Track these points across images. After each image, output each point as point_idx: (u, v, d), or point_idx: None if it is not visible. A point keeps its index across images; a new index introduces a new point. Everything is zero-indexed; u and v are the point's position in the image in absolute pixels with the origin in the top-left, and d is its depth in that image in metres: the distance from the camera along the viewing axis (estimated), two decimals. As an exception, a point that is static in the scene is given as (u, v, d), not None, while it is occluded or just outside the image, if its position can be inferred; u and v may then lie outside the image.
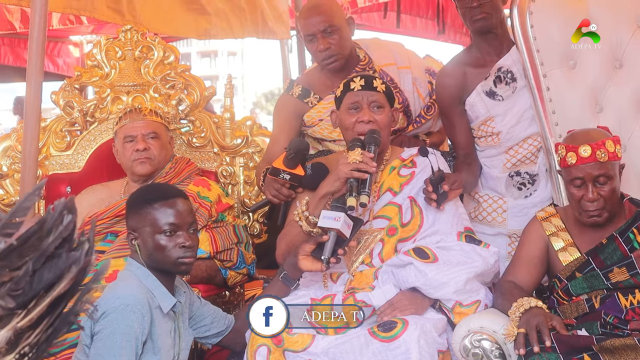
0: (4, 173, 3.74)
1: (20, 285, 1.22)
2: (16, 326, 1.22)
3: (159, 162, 3.41)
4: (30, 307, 1.23)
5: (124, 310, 2.36)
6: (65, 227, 1.27)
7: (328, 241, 2.61)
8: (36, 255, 1.23)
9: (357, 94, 2.90)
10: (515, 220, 3.28)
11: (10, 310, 1.21)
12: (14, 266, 1.21)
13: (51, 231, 1.25)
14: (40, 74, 3.13)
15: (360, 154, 2.71)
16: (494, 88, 3.27)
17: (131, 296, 2.41)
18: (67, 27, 6.93)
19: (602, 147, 2.66)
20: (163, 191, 2.66)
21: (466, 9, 3.19)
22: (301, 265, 2.67)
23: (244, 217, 3.77)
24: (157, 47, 3.86)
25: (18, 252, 1.21)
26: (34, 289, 1.23)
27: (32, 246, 1.23)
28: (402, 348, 2.44)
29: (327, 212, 2.64)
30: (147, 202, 2.56)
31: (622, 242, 2.69)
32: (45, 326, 1.26)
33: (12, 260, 1.21)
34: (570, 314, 2.72)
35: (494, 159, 3.34)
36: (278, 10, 5.67)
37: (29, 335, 1.24)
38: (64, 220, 1.27)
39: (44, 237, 1.24)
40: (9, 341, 1.22)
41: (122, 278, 2.55)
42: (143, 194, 2.66)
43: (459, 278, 2.65)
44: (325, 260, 2.61)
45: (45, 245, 1.24)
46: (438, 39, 7.76)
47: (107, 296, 2.42)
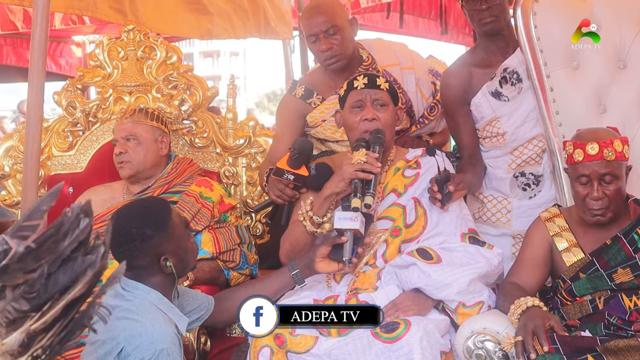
0: (6, 173, 3.73)
1: (35, 288, 1.22)
2: (29, 328, 1.22)
3: (139, 163, 3.38)
4: (45, 310, 1.23)
5: (159, 355, 2.35)
6: (82, 231, 1.26)
7: (347, 242, 2.62)
8: (52, 258, 1.23)
9: (360, 92, 2.89)
10: (520, 221, 3.28)
11: (24, 312, 1.21)
12: (29, 269, 1.21)
13: (67, 234, 1.25)
14: (42, 74, 3.12)
15: (365, 154, 2.71)
16: (500, 89, 3.26)
17: (164, 337, 2.39)
18: (70, 27, 6.93)
19: (610, 146, 2.65)
20: (163, 202, 2.69)
21: (474, 12, 3.18)
22: (318, 268, 2.68)
23: (246, 218, 3.76)
24: (160, 48, 3.85)
25: (34, 255, 1.21)
26: (48, 291, 1.23)
27: (48, 249, 1.23)
28: (404, 349, 2.44)
29: (342, 213, 2.64)
30: (165, 221, 2.53)
31: (626, 242, 2.68)
32: (58, 329, 1.26)
33: (28, 262, 1.20)
34: (573, 314, 2.71)
35: (499, 160, 3.33)
36: (280, 11, 5.67)
37: (41, 338, 1.24)
38: (81, 224, 1.26)
39: (60, 240, 1.24)
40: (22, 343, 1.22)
41: (145, 311, 2.47)
42: (153, 222, 2.56)
43: (463, 279, 2.65)
44: (348, 261, 2.63)
45: (62, 249, 1.24)
46: (441, 39, 7.77)
47: (140, 341, 2.37)
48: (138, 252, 2.46)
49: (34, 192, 3.20)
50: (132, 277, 2.52)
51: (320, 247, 2.67)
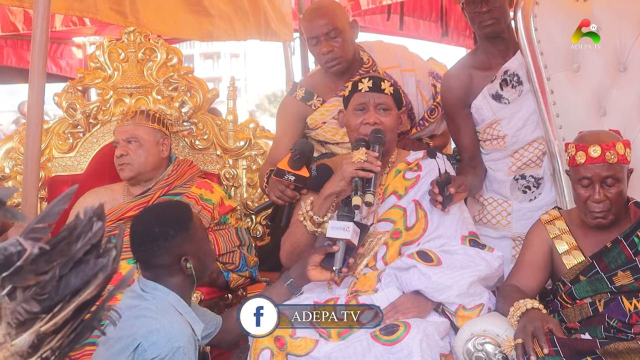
0: (7, 175, 3.73)
1: (46, 289, 1.22)
2: (39, 330, 1.22)
3: (140, 165, 3.38)
4: (55, 312, 1.24)
5: (176, 352, 2.39)
6: (95, 234, 1.27)
7: (338, 252, 2.60)
8: (64, 260, 1.23)
9: (364, 95, 2.89)
10: (520, 224, 3.27)
11: (35, 314, 1.22)
12: (40, 270, 1.21)
13: (80, 237, 1.25)
14: (42, 75, 3.13)
15: (365, 153, 2.71)
16: (500, 91, 3.26)
17: (181, 335, 2.43)
18: (70, 28, 6.93)
19: (612, 148, 2.65)
20: (184, 204, 2.75)
21: (475, 14, 3.18)
22: (310, 276, 2.67)
23: (246, 220, 3.76)
24: (160, 49, 3.86)
25: (46, 257, 1.21)
26: (60, 293, 1.24)
27: (60, 251, 1.23)
28: (404, 351, 2.44)
29: (335, 223, 2.63)
30: (187, 222, 2.59)
31: (626, 245, 2.68)
32: (68, 331, 1.26)
33: (40, 264, 1.21)
34: (573, 317, 2.71)
35: (499, 162, 3.33)
36: (281, 13, 5.67)
37: (51, 339, 1.25)
38: (94, 227, 1.27)
39: (73, 243, 1.25)
40: (32, 344, 1.22)
41: (163, 310, 2.52)
42: (175, 222, 2.62)
43: (463, 281, 2.65)
44: (337, 271, 2.61)
45: (74, 251, 1.25)
46: (441, 41, 7.76)
47: (157, 338, 2.41)
48: (160, 251, 2.53)
49: (34, 193, 3.21)
50: (152, 277, 2.57)
51: (313, 255, 2.66)
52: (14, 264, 1.18)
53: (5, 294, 1.19)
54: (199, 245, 2.63)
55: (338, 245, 2.60)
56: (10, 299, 1.20)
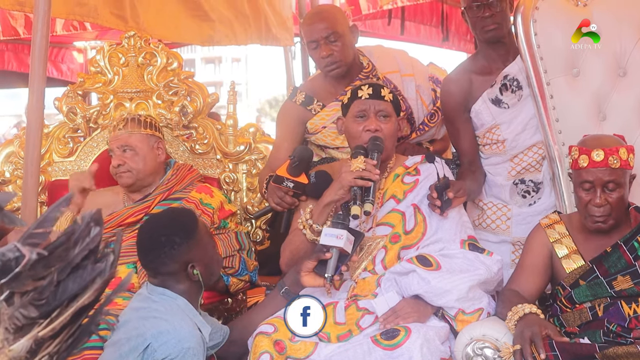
0: (7, 179, 3.74)
1: (44, 295, 1.22)
2: (37, 335, 1.22)
3: (139, 172, 3.37)
4: (53, 317, 1.24)
5: (185, 353, 2.41)
6: (92, 239, 1.27)
7: (331, 259, 2.60)
8: (62, 265, 1.24)
9: (364, 103, 2.89)
10: (520, 228, 3.27)
11: (32, 319, 1.22)
12: (38, 276, 1.21)
13: (78, 242, 1.25)
14: (42, 80, 3.13)
15: (363, 161, 2.70)
16: (500, 96, 3.27)
17: (191, 336, 2.46)
18: (71, 33, 6.95)
19: (615, 153, 2.65)
20: (190, 212, 2.77)
21: (477, 19, 3.19)
22: (304, 282, 2.67)
23: (246, 224, 3.76)
24: (161, 54, 3.86)
25: (44, 262, 1.21)
26: (57, 299, 1.24)
27: (58, 257, 1.24)
28: (405, 356, 2.44)
29: (328, 230, 2.62)
30: (193, 230, 2.61)
31: (626, 250, 2.68)
32: (65, 336, 1.27)
33: (38, 270, 1.21)
34: (573, 321, 2.71)
35: (499, 167, 3.33)
36: (282, 17, 5.67)
37: (49, 345, 1.25)
38: (91, 232, 1.27)
39: (70, 248, 1.25)
40: (29, 350, 1.22)
41: (173, 311, 2.54)
42: (181, 230, 2.64)
43: (462, 286, 2.65)
44: (329, 279, 2.60)
45: (72, 256, 1.25)
46: (442, 46, 7.77)
47: (167, 338, 2.43)
48: (166, 258, 2.56)
49: (34, 198, 3.21)
50: (159, 284, 2.59)
51: (306, 262, 2.66)
52: (12, 270, 1.18)
53: (3, 300, 1.19)
54: (205, 251, 2.66)
55: (331, 253, 2.60)
56: (8, 305, 1.20)
